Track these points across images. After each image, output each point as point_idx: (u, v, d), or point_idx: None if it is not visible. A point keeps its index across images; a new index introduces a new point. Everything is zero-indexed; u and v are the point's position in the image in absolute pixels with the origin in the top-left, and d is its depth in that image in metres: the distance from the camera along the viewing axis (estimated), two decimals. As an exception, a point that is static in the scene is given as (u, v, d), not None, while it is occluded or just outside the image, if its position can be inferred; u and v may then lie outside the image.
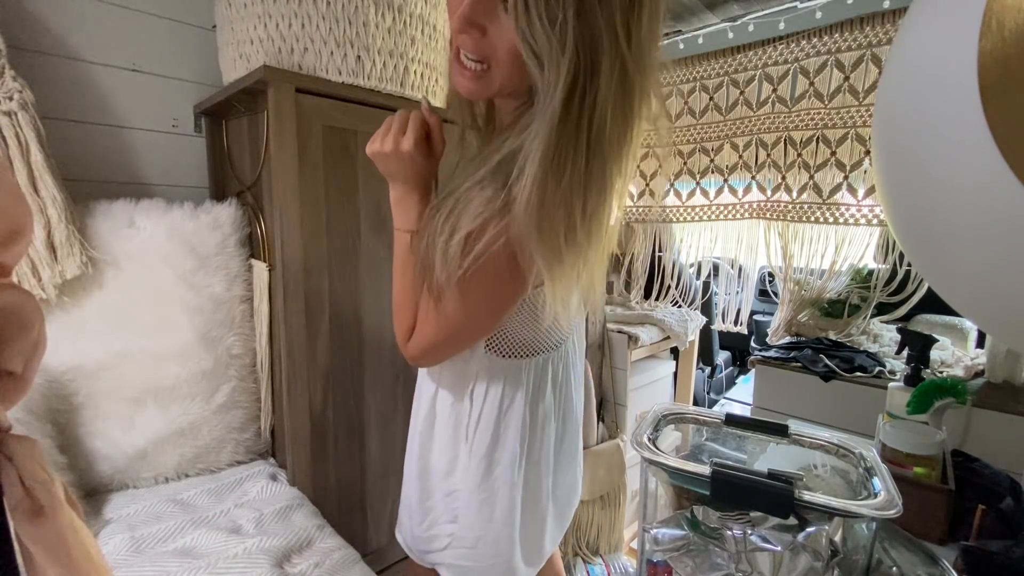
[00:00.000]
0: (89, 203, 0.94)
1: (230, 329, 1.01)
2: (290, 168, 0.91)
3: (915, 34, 0.60)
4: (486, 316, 0.63)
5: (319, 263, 0.98)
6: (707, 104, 2.07)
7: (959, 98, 0.49)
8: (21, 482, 0.32)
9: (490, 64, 0.55)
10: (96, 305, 0.90)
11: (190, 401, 0.96)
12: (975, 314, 0.70)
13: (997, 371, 1.43)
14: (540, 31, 0.48)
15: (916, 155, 0.59)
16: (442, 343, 0.64)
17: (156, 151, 1.16)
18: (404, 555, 0.78)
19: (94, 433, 0.89)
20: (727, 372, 3.51)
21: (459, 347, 0.66)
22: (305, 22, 0.93)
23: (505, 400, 0.68)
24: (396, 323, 0.68)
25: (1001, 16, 0.45)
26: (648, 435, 0.67)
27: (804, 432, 0.70)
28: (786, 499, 0.54)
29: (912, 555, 0.62)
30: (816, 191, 1.81)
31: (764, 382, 1.76)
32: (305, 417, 0.98)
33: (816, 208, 1.82)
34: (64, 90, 1.03)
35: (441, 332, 0.63)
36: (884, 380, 1.49)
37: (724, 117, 2.02)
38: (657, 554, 0.63)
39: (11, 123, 0.83)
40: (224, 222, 1.03)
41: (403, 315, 0.66)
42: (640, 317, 1.95)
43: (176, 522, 0.82)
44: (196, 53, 1.18)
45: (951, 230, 0.57)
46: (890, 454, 0.84)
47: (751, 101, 1.94)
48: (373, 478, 1.13)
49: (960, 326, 1.93)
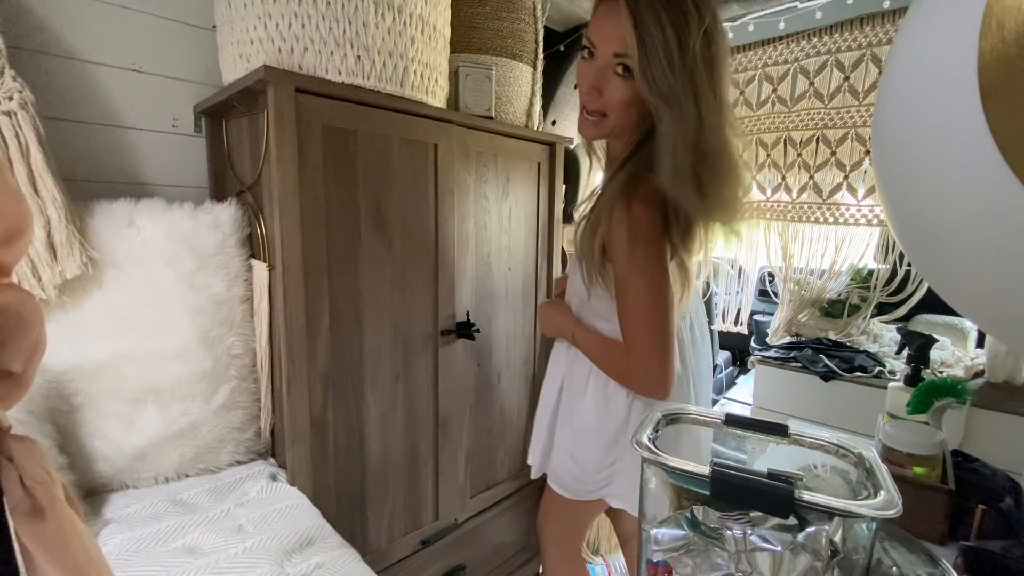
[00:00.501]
0: (89, 203, 0.94)
1: (230, 329, 1.01)
2: (290, 168, 0.91)
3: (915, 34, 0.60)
4: (664, 291, 0.80)
5: (319, 263, 0.98)
6: (707, 104, 2.06)
7: (959, 98, 0.49)
8: (21, 482, 0.32)
9: (607, 114, 0.83)
10: (96, 305, 0.90)
11: (190, 401, 0.96)
12: (975, 314, 0.70)
13: (997, 371, 1.43)
14: (662, 77, 0.74)
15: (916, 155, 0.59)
16: (659, 344, 0.79)
17: (156, 151, 1.16)
18: (404, 555, 0.78)
19: (94, 433, 0.89)
20: (727, 372, 3.51)
21: (669, 337, 0.80)
22: (305, 22, 0.93)
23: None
24: (638, 387, 0.85)
25: (1001, 16, 0.45)
26: (648, 435, 0.67)
27: (804, 432, 0.70)
28: (786, 499, 0.54)
29: (912, 555, 0.62)
30: (816, 191, 1.81)
31: (764, 382, 1.76)
32: (305, 417, 0.98)
33: (816, 208, 1.82)
34: (64, 90, 1.03)
35: (653, 335, 0.80)
36: (884, 380, 1.50)
37: (724, 117, 2.02)
38: (657, 554, 0.63)
39: (11, 123, 0.83)
40: (224, 222, 1.03)
41: (628, 371, 0.84)
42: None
43: (176, 522, 0.82)
44: (196, 53, 1.18)
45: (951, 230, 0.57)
46: (890, 454, 0.84)
47: (751, 101, 1.94)
48: (373, 478, 1.13)
49: (960, 326, 1.93)
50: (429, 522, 1.29)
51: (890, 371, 1.59)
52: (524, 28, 1.39)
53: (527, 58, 1.42)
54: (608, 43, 0.79)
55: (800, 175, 1.84)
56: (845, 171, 1.74)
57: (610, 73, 0.80)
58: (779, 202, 1.93)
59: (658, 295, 0.79)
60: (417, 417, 1.21)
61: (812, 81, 1.77)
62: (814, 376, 1.63)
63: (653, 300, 0.79)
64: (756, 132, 1.94)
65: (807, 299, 1.93)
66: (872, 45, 1.63)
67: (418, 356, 1.19)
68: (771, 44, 1.85)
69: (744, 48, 1.93)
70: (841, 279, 1.87)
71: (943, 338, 1.70)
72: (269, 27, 0.93)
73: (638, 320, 0.80)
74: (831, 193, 1.78)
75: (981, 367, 1.52)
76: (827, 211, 1.80)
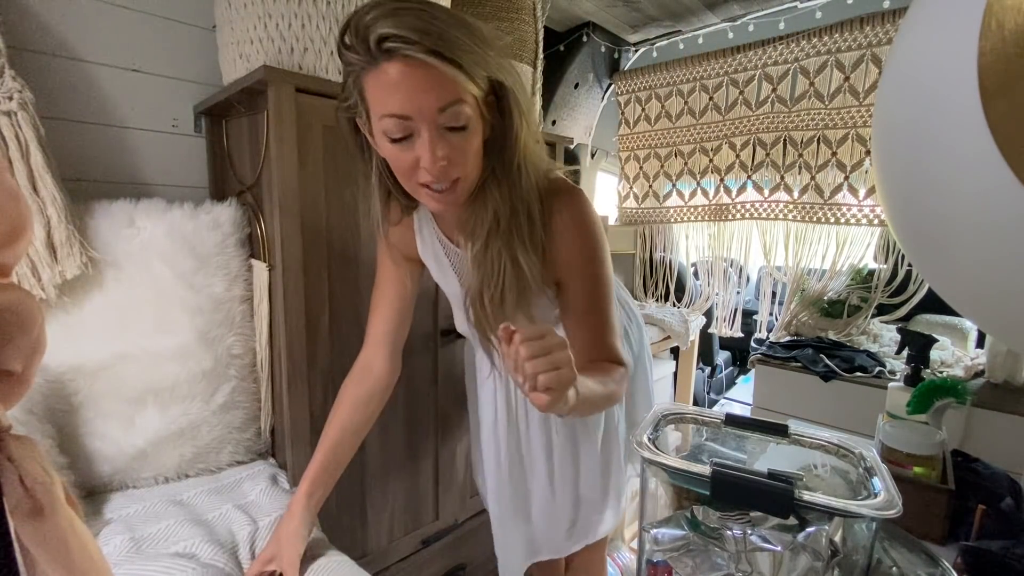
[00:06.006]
0: (89, 203, 0.94)
1: (230, 329, 1.01)
2: (290, 168, 0.91)
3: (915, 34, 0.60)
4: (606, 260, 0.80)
5: (319, 263, 0.98)
6: (707, 104, 2.07)
7: (959, 98, 0.49)
8: (21, 482, 0.32)
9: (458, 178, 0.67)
10: (96, 305, 0.90)
11: (190, 401, 0.96)
12: (975, 314, 0.70)
13: (997, 371, 1.43)
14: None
15: (916, 155, 0.59)
16: (617, 327, 0.81)
17: (156, 151, 1.16)
18: (404, 555, 0.78)
19: (94, 433, 0.89)
20: (727, 372, 3.51)
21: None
22: (305, 22, 0.93)
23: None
24: (624, 385, 0.79)
25: (1001, 16, 0.45)
26: (648, 435, 0.67)
27: (804, 432, 0.70)
28: (786, 499, 0.54)
29: (912, 555, 0.62)
30: (817, 191, 1.81)
31: (764, 382, 1.76)
32: (305, 417, 0.98)
33: (817, 208, 1.82)
34: (64, 90, 1.03)
35: (614, 316, 0.80)
36: (884, 380, 1.50)
37: (723, 117, 2.02)
38: (657, 554, 0.63)
39: (11, 123, 0.83)
40: (224, 222, 1.03)
41: (623, 369, 0.78)
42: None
43: (176, 522, 0.82)
44: (196, 53, 1.18)
45: (951, 230, 0.57)
46: (890, 454, 0.85)
47: (751, 101, 1.94)
48: (373, 478, 1.13)
49: (960, 326, 1.93)
50: (429, 522, 1.29)
51: (890, 371, 1.59)
52: (524, 28, 1.39)
53: (527, 58, 1.42)
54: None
55: (802, 175, 1.84)
56: (846, 171, 1.74)
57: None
58: (779, 202, 1.93)
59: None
60: (417, 417, 1.21)
61: (812, 81, 1.77)
62: (814, 376, 1.63)
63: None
64: (755, 132, 1.94)
65: (807, 299, 1.93)
66: (872, 45, 1.63)
67: (418, 356, 1.18)
68: (771, 44, 1.85)
69: (744, 48, 1.93)
70: (841, 279, 1.87)
71: (943, 338, 1.70)
72: (269, 27, 0.93)
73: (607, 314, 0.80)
74: (832, 193, 1.78)
75: (981, 367, 1.52)
76: (828, 211, 1.80)
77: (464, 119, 0.62)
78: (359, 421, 0.89)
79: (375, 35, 0.56)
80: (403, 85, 0.58)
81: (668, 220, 2.28)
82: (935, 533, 0.78)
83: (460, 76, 0.59)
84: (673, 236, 2.37)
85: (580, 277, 0.78)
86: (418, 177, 0.65)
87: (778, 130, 1.88)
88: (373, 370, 0.91)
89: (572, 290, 0.79)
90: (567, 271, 0.78)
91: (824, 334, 1.84)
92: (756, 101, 1.93)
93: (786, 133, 1.86)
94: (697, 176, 2.14)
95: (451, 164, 0.64)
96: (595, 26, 2.13)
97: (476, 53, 0.59)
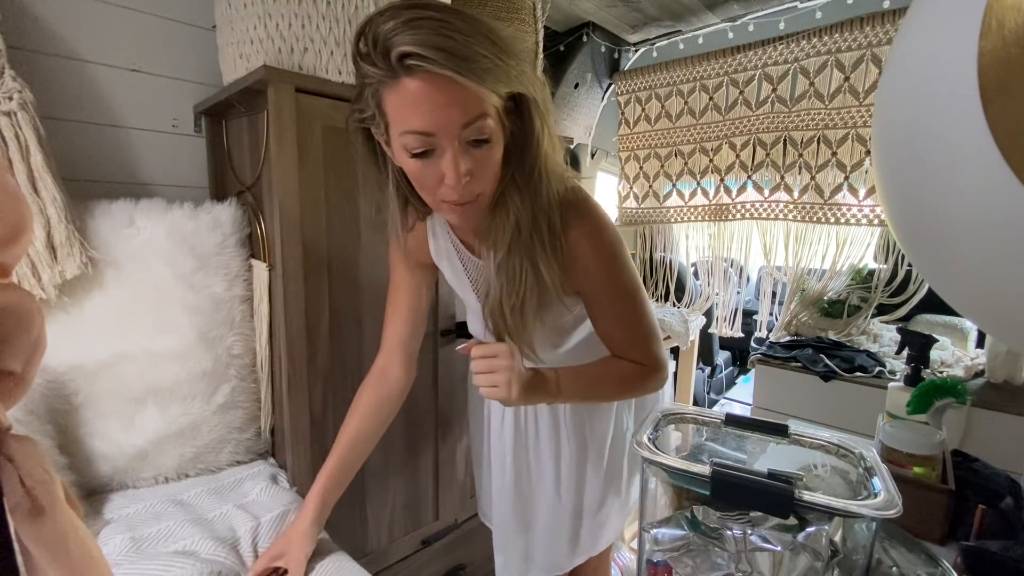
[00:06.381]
0: (89, 203, 0.94)
1: (230, 329, 1.01)
2: (290, 168, 0.91)
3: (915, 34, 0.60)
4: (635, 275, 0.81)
5: (319, 263, 0.98)
6: (707, 104, 2.06)
7: (959, 98, 0.49)
8: (21, 482, 0.32)
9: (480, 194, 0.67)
10: (96, 305, 0.90)
11: (190, 401, 0.96)
12: (975, 314, 0.70)
13: (997, 371, 1.43)
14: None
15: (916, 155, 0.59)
16: (654, 329, 0.82)
17: (156, 151, 1.16)
18: (404, 555, 0.78)
19: (94, 433, 0.89)
20: (727, 372, 3.51)
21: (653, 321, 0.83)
22: (305, 22, 0.93)
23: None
24: (658, 384, 0.84)
25: (1001, 16, 0.45)
26: (648, 435, 0.67)
27: (804, 432, 0.70)
28: (786, 499, 0.54)
29: (912, 555, 0.62)
30: (817, 191, 1.81)
31: (764, 382, 1.76)
32: (305, 417, 0.98)
33: (817, 208, 1.82)
34: (64, 90, 1.03)
35: (648, 319, 0.81)
36: (884, 380, 1.49)
37: (723, 117, 2.02)
38: (657, 554, 0.63)
39: (11, 123, 0.83)
40: (224, 222, 1.03)
41: (654, 374, 0.82)
42: (640, 317, 1.94)
43: (176, 522, 0.82)
44: (196, 53, 1.18)
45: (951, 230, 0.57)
46: (890, 454, 0.84)
47: (751, 101, 1.94)
48: (373, 478, 1.13)
49: (960, 326, 1.93)
50: (429, 522, 1.29)
51: (890, 371, 1.59)
52: (524, 28, 1.39)
53: (527, 58, 1.42)
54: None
55: (803, 176, 1.84)
56: (846, 171, 1.74)
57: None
58: (779, 202, 1.93)
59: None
60: (417, 417, 1.21)
61: (812, 81, 1.77)
62: (814, 376, 1.63)
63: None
64: (755, 132, 1.94)
65: (807, 299, 1.93)
66: (872, 45, 1.63)
67: (418, 356, 1.18)
68: (771, 44, 1.85)
69: (744, 48, 1.92)
70: (841, 279, 1.87)
71: (943, 338, 1.70)
72: (269, 27, 0.93)
73: (644, 318, 0.82)
74: (832, 193, 1.78)
75: (981, 367, 1.52)
76: (828, 211, 1.80)
77: (488, 132, 0.61)
78: (374, 425, 0.90)
79: (396, 52, 0.54)
80: (426, 102, 0.56)
81: (668, 220, 2.28)
82: (935, 533, 0.78)
83: (483, 91, 0.57)
84: (673, 236, 2.37)
85: (600, 287, 0.78)
86: (441, 195, 0.64)
87: (778, 130, 1.88)
88: (390, 375, 0.91)
89: (596, 301, 0.80)
90: (586, 281, 0.78)
91: (824, 334, 1.84)
92: (756, 101, 1.92)
93: (786, 133, 1.86)
94: (697, 176, 2.14)
95: (474, 179, 0.63)
96: (595, 26, 2.13)
97: (499, 67, 0.58)
